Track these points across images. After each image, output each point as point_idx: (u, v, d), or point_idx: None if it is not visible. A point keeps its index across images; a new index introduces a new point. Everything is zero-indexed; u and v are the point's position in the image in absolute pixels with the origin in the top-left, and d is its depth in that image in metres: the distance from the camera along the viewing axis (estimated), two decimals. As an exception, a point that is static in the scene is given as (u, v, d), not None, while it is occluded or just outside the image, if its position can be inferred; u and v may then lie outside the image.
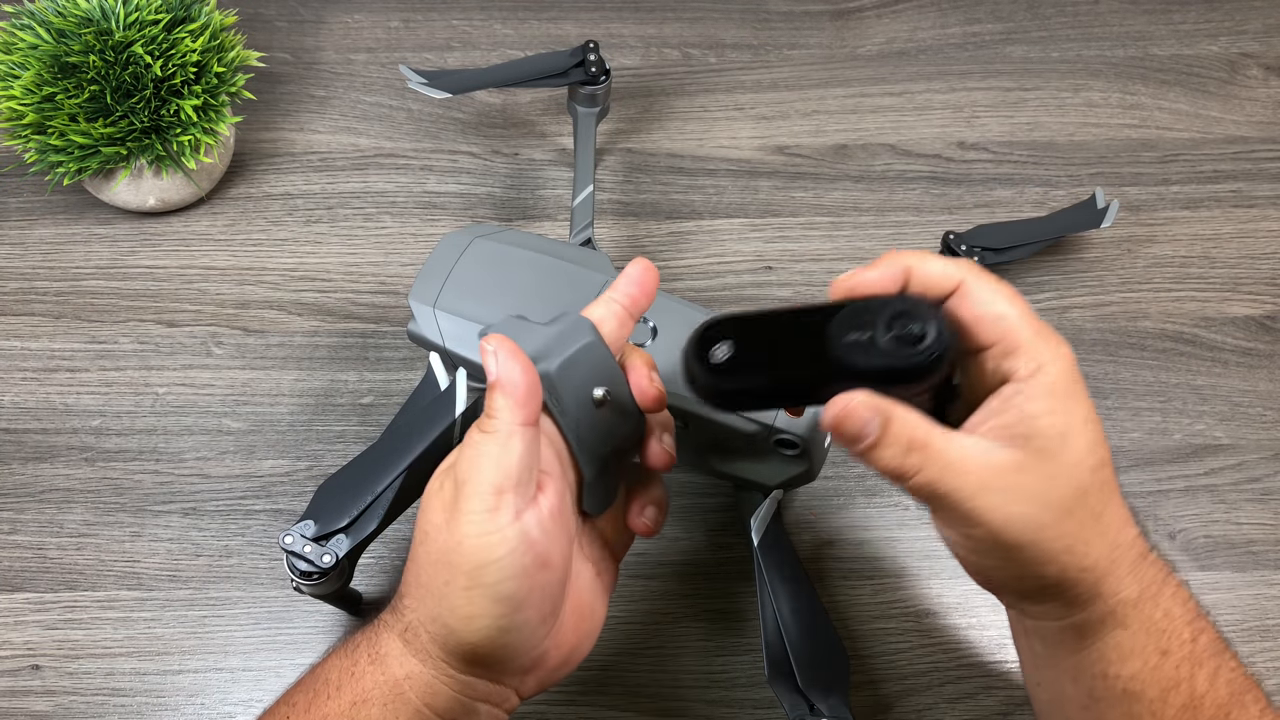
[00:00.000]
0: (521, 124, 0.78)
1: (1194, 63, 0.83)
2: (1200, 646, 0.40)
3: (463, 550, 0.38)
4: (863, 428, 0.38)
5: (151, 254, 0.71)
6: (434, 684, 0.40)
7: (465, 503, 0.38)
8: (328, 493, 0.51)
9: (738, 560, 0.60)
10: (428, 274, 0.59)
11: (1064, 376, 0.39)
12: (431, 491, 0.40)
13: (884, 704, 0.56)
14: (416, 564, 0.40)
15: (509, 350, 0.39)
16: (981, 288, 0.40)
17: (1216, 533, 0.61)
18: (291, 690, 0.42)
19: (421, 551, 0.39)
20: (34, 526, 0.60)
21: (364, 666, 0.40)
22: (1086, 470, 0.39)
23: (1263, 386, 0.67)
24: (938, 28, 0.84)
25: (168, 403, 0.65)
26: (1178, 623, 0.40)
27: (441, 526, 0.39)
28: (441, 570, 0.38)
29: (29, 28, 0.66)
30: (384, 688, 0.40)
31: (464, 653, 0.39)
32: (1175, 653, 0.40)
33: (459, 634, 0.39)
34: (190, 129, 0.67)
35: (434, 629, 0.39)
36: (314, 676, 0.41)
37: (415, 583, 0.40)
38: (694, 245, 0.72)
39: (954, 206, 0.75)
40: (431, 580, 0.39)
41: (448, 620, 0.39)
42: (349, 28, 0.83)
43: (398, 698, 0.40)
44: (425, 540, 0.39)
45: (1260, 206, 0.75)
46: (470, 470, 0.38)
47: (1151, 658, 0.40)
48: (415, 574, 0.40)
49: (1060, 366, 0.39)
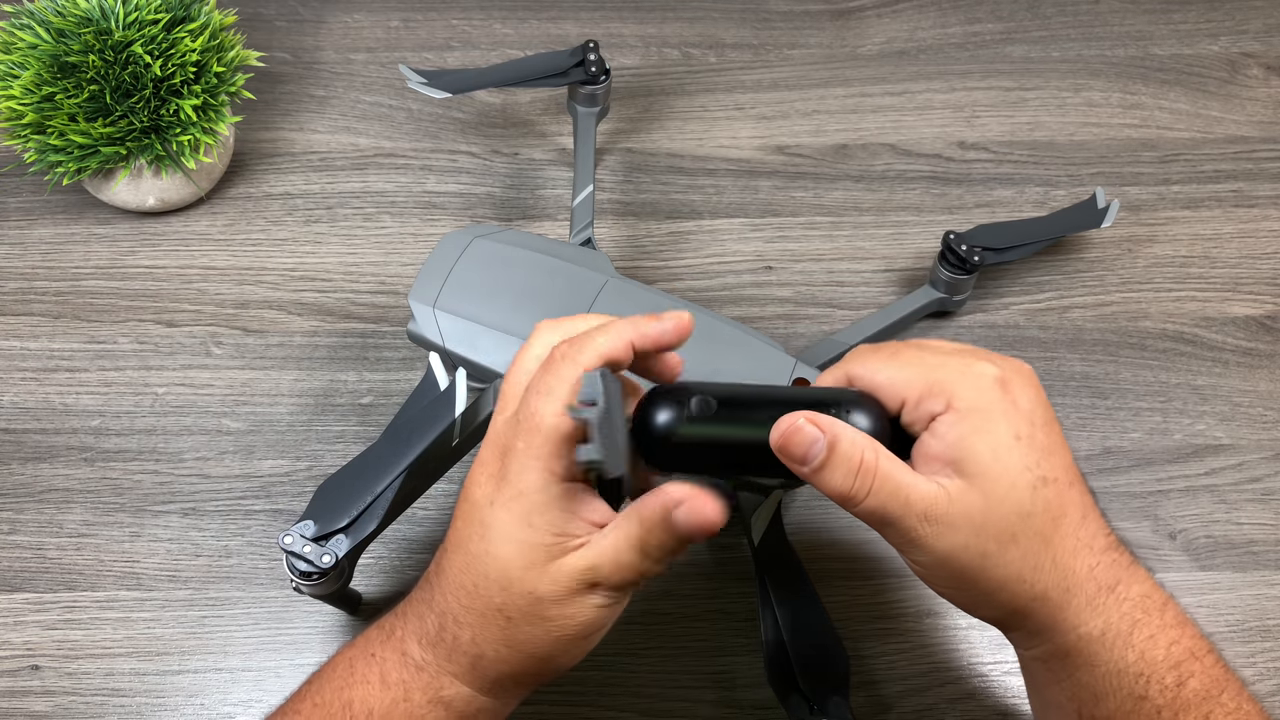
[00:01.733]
0: (521, 124, 0.78)
1: (1194, 62, 0.83)
2: (1188, 691, 0.38)
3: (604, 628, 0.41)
4: (809, 448, 0.38)
5: (151, 254, 0.71)
6: (501, 710, 0.43)
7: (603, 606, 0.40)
8: (327, 493, 0.51)
9: (738, 560, 0.60)
10: (428, 274, 0.59)
11: (984, 395, 0.39)
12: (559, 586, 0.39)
13: (884, 704, 0.56)
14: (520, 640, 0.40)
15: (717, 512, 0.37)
16: (863, 365, 0.40)
17: (1217, 533, 0.61)
18: None
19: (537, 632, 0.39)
20: (33, 527, 0.60)
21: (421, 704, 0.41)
22: (1024, 489, 0.38)
23: (1263, 386, 0.67)
24: (938, 27, 0.84)
25: (167, 403, 0.65)
26: (1158, 667, 0.38)
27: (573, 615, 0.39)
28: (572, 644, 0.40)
29: (28, 27, 0.66)
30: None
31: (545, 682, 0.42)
32: (1154, 699, 0.38)
33: (561, 670, 0.41)
34: (190, 129, 0.67)
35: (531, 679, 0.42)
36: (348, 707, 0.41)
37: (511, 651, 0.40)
38: (694, 245, 0.72)
39: (954, 206, 0.74)
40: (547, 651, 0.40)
41: (556, 668, 0.41)
42: (349, 27, 0.83)
43: None
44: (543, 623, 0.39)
45: (1261, 206, 0.75)
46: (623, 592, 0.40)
47: (1126, 702, 0.39)
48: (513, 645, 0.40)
49: (978, 386, 0.39)
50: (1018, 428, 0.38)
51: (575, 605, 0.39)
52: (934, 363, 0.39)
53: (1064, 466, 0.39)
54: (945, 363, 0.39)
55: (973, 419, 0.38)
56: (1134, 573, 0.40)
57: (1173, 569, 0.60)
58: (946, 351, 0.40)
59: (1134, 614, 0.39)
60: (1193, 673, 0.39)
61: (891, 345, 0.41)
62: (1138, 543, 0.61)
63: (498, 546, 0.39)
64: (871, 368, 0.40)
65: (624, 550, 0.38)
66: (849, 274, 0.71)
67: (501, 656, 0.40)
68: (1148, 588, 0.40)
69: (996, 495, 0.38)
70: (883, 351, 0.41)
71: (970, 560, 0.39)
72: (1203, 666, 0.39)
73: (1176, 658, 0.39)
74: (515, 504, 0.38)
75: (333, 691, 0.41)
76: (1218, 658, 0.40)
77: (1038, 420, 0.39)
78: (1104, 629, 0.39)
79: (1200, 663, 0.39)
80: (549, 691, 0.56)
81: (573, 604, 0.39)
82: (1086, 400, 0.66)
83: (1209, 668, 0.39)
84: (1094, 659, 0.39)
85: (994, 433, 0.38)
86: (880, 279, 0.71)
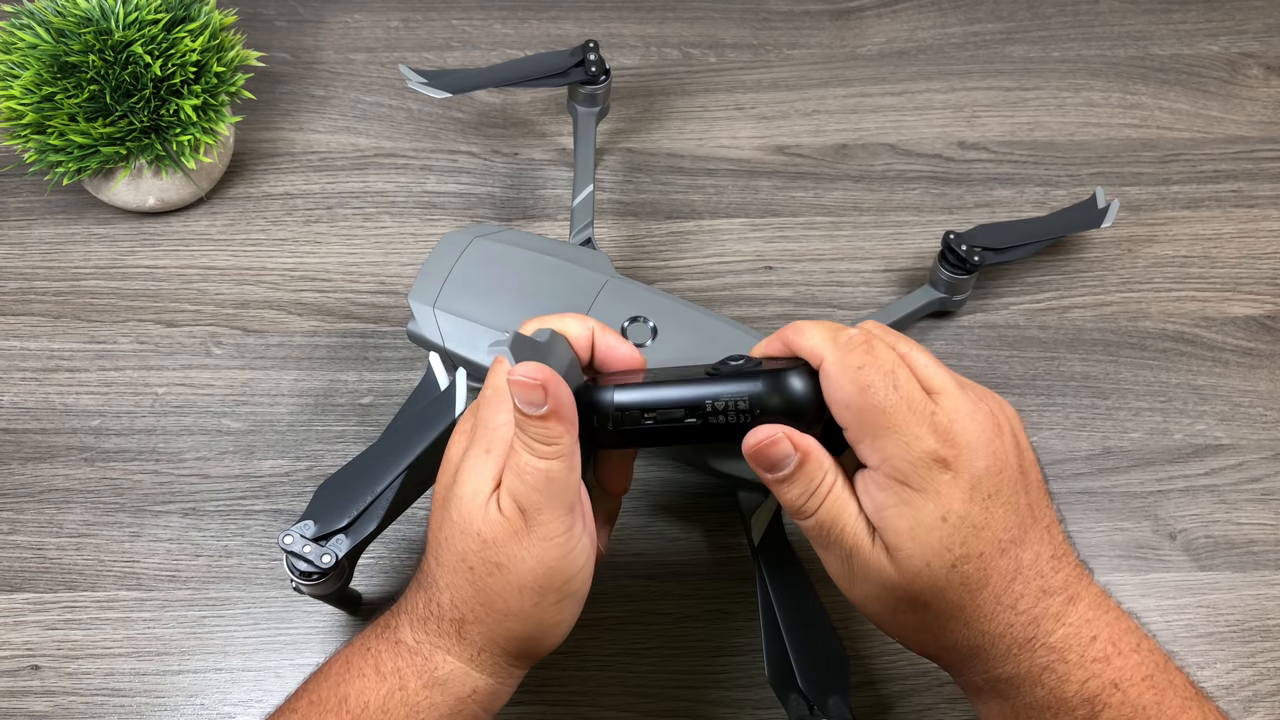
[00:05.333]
0: (521, 124, 0.78)
1: (1194, 62, 0.83)
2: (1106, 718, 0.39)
3: (554, 573, 0.40)
4: (782, 460, 0.40)
5: (151, 254, 0.71)
6: (499, 690, 0.43)
7: (545, 529, 0.40)
8: (327, 493, 0.51)
9: (738, 560, 0.60)
10: (427, 274, 0.59)
11: (915, 472, 0.38)
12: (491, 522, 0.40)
13: (884, 704, 0.56)
14: (488, 593, 0.41)
15: (557, 380, 0.39)
16: (835, 371, 0.39)
17: (1217, 533, 0.61)
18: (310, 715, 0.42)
19: (496, 582, 0.40)
20: (33, 526, 0.60)
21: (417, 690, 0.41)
22: (939, 569, 0.38)
23: (1263, 386, 0.67)
24: (938, 27, 0.84)
25: (167, 403, 0.65)
26: (1068, 701, 0.39)
27: (520, 556, 0.40)
28: (530, 595, 0.40)
29: (28, 27, 0.66)
30: (443, 708, 0.42)
31: (538, 651, 0.43)
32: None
33: (544, 642, 0.42)
34: (190, 129, 0.67)
35: (513, 645, 0.42)
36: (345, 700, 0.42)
37: (487, 610, 0.41)
38: (694, 245, 0.72)
39: (954, 206, 0.74)
40: (515, 605, 0.41)
41: (533, 634, 0.41)
42: (349, 27, 0.83)
43: (459, 713, 0.42)
44: (500, 571, 0.40)
45: (1261, 206, 0.75)
46: (544, 497, 0.40)
47: None
48: (486, 602, 0.41)
49: (910, 460, 0.38)
50: (947, 508, 0.38)
51: (518, 544, 0.40)
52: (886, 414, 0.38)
53: (994, 540, 0.39)
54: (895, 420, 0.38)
55: (897, 492, 0.38)
56: (1066, 611, 0.40)
57: (1173, 569, 0.60)
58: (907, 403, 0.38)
59: (1046, 660, 0.40)
60: (1108, 704, 0.39)
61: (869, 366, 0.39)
62: (1138, 543, 0.61)
63: (461, 487, 0.41)
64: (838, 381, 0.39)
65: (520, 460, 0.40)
66: (849, 274, 0.71)
67: (479, 617, 0.41)
68: (1072, 629, 0.40)
69: (910, 570, 0.39)
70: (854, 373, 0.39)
71: (880, 611, 0.41)
72: (1125, 697, 0.39)
73: (1091, 692, 0.39)
74: (481, 442, 0.41)
75: (329, 688, 0.42)
76: (1154, 684, 0.40)
77: (978, 497, 0.38)
78: (1013, 674, 0.40)
79: (1122, 693, 0.39)
80: (549, 691, 0.56)
81: (515, 542, 0.40)
82: (1086, 400, 0.66)
83: (1134, 697, 0.39)
84: (1005, 694, 0.41)
85: (916, 513, 0.38)
86: (880, 279, 0.71)
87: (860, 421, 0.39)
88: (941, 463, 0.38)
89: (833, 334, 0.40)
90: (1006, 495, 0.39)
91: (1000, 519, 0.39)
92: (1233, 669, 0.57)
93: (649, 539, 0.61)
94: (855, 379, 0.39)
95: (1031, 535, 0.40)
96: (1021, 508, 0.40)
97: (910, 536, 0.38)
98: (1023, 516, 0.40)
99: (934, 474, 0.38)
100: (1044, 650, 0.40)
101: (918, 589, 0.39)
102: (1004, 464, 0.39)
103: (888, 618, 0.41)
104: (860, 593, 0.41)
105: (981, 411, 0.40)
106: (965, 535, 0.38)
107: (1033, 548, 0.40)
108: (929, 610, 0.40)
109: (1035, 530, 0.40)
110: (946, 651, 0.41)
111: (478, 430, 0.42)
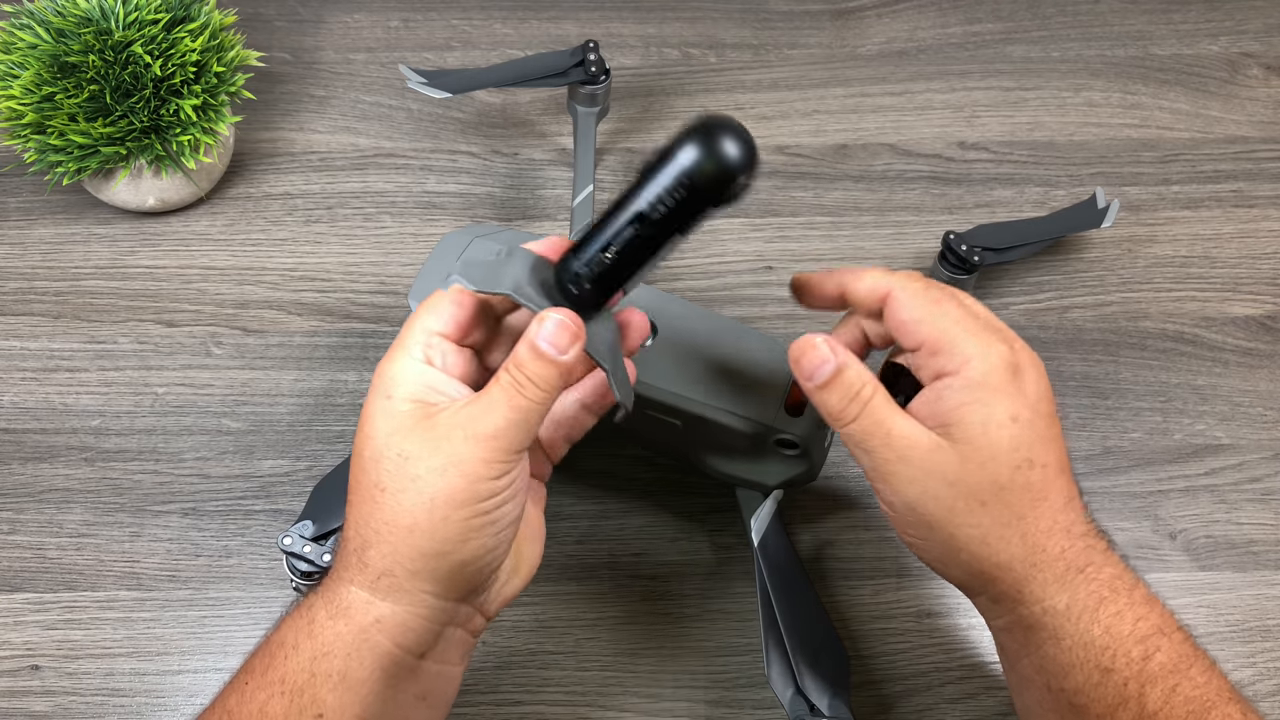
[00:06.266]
0: (521, 124, 0.78)
1: (1194, 62, 0.83)
2: (1154, 665, 0.39)
3: (472, 491, 0.38)
4: (820, 366, 0.41)
5: (151, 254, 0.71)
6: (408, 620, 0.40)
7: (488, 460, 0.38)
8: (323, 492, 0.51)
9: (738, 560, 0.60)
10: (427, 274, 0.59)
11: (994, 373, 0.40)
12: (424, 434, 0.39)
13: (884, 704, 0.56)
14: (392, 510, 0.39)
15: (573, 333, 0.39)
16: (905, 295, 0.42)
17: (1217, 533, 0.61)
18: (249, 659, 0.41)
19: (406, 498, 0.39)
20: (34, 526, 0.60)
21: (323, 622, 0.40)
22: (1006, 467, 0.40)
23: (1263, 386, 0.67)
24: (938, 27, 0.84)
25: (167, 403, 0.65)
26: (1124, 640, 0.39)
27: (444, 470, 0.38)
28: (440, 508, 0.38)
29: (28, 27, 0.66)
30: (346, 638, 0.39)
31: (453, 574, 0.40)
32: (1121, 671, 0.39)
33: (453, 558, 0.39)
34: (190, 129, 0.67)
35: (419, 564, 0.39)
36: (268, 642, 0.41)
37: (390, 528, 0.39)
38: (694, 245, 0.72)
39: (954, 206, 0.74)
40: (423, 520, 0.38)
41: (440, 549, 0.39)
42: (349, 27, 0.83)
43: (363, 644, 0.39)
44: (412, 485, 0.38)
45: (1261, 206, 0.75)
46: (504, 430, 0.38)
47: (1093, 674, 0.40)
48: (389, 520, 0.39)
49: (990, 363, 0.40)
50: (1016, 410, 0.40)
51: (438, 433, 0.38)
52: (961, 325, 0.41)
53: (1056, 455, 0.41)
54: (970, 329, 0.41)
55: (974, 391, 0.40)
56: (1108, 558, 0.41)
57: (1173, 569, 0.60)
58: (977, 318, 0.42)
59: (1101, 592, 0.40)
60: (1159, 647, 0.39)
61: (934, 289, 0.42)
62: (1138, 543, 0.61)
63: (369, 427, 0.40)
64: (909, 303, 0.42)
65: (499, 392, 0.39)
66: (849, 274, 0.71)
67: (381, 537, 0.39)
68: (1119, 570, 0.41)
69: (975, 461, 0.39)
70: (924, 293, 0.42)
71: (936, 511, 0.40)
72: (1170, 643, 0.40)
73: (1143, 633, 0.40)
74: (381, 386, 0.40)
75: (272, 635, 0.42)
76: (1187, 635, 0.41)
77: (1040, 410, 0.41)
78: (1069, 604, 0.40)
79: (1169, 639, 0.40)
80: (549, 691, 0.56)
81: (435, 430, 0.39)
82: (1086, 400, 0.66)
83: (1178, 644, 0.40)
84: (1059, 632, 0.40)
85: (990, 409, 0.40)
86: (880, 279, 0.71)
87: (937, 333, 0.41)
88: (1014, 368, 0.40)
89: (888, 270, 0.43)
90: (1056, 423, 0.41)
91: (1057, 438, 0.41)
92: (1233, 669, 0.57)
93: (649, 539, 0.61)
94: (926, 297, 0.42)
95: (1071, 473, 0.42)
96: (1064, 444, 0.42)
97: (982, 431, 0.40)
98: (1064, 453, 0.42)
99: (1009, 377, 0.40)
100: (1099, 583, 0.40)
101: (982, 482, 0.39)
102: (1050, 395, 0.42)
103: (943, 518, 0.40)
104: (915, 491, 0.40)
105: (1030, 351, 0.42)
106: (1032, 440, 0.40)
107: (1073, 487, 0.42)
108: (987, 511, 0.40)
109: (1070, 475, 0.42)
110: (1001, 569, 0.40)
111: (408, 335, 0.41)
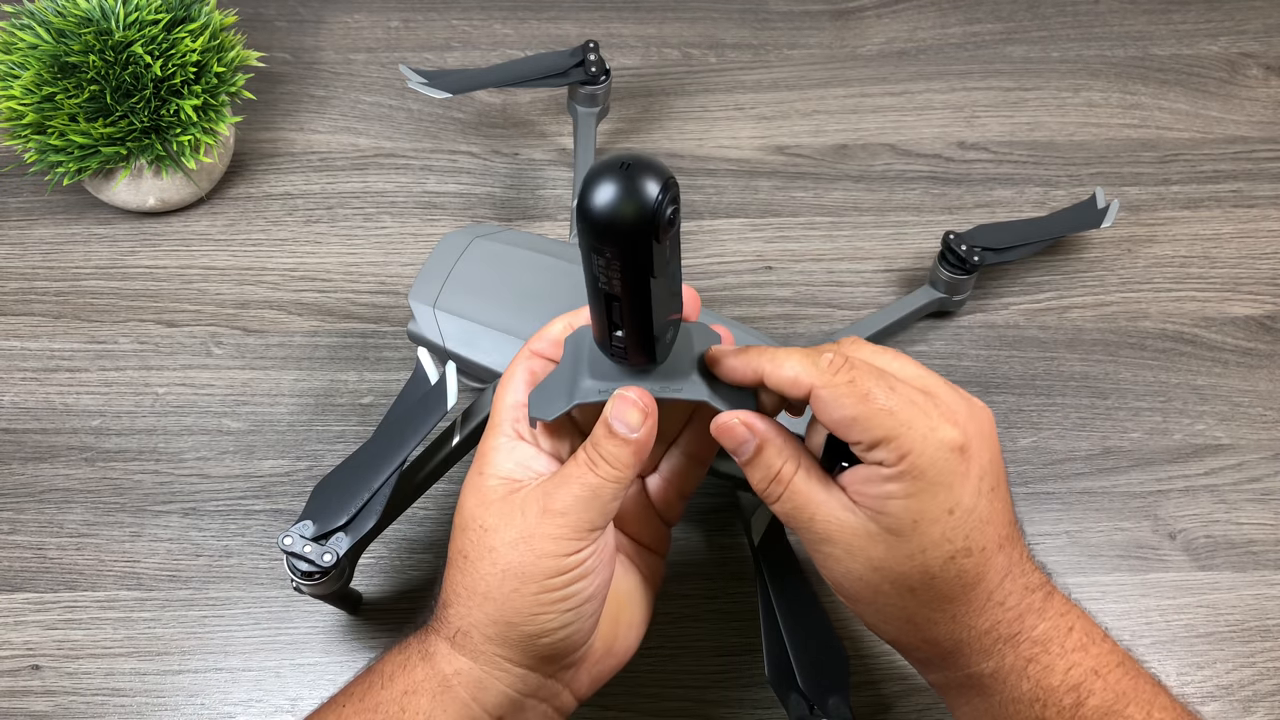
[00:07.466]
0: (521, 124, 0.78)
1: (1194, 62, 0.83)
2: (1087, 709, 0.39)
3: (540, 566, 0.40)
4: (739, 445, 0.41)
5: (151, 254, 0.71)
6: (484, 679, 0.41)
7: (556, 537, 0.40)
8: (323, 492, 0.51)
9: (738, 560, 0.60)
10: (428, 274, 0.59)
11: (933, 465, 0.38)
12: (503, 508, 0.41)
13: (884, 704, 0.56)
14: (472, 576, 0.41)
15: (643, 410, 0.40)
16: (829, 394, 0.38)
17: (1217, 533, 0.61)
18: (348, 685, 0.44)
19: (483, 566, 0.41)
20: (34, 526, 0.60)
21: (415, 661, 0.42)
22: (938, 559, 0.38)
23: (1263, 386, 0.67)
24: (938, 28, 0.84)
25: (168, 403, 0.65)
26: (1054, 691, 0.40)
27: (516, 544, 0.40)
28: (510, 580, 0.40)
29: (29, 28, 0.66)
30: (433, 680, 0.41)
31: (525, 644, 0.41)
32: (1052, 719, 0.40)
33: (521, 629, 0.40)
34: (190, 129, 0.67)
35: (491, 630, 0.41)
36: (369, 671, 0.43)
37: (469, 593, 0.41)
38: (694, 245, 0.72)
39: (954, 206, 0.74)
40: (495, 589, 0.40)
41: (511, 619, 0.40)
42: (349, 28, 0.83)
43: (446, 691, 0.41)
44: (489, 555, 0.40)
45: (1260, 206, 0.75)
46: (574, 507, 0.40)
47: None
48: (469, 585, 0.41)
49: (928, 457, 0.38)
50: (955, 501, 0.38)
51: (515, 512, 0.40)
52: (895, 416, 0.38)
53: (996, 532, 0.39)
54: (905, 419, 0.38)
55: (910, 484, 0.38)
56: (1045, 608, 0.40)
57: (1173, 569, 0.60)
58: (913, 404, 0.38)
59: (1030, 652, 0.40)
60: (1092, 691, 0.39)
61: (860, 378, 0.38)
62: (1138, 543, 0.61)
63: (462, 499, 0.42)
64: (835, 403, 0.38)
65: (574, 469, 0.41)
66: (849, 274, 0.71)
67: (460, 599, 0.41)
68: (1055, 620, 0.40)
69: (904, 552, 0.39)
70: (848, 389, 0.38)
71: (862, 592, 0.40)
72: (1105, 684, 0.40)
73: (1075, 680, 0.40)
74: (477, 463, 0.43)
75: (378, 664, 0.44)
76: (1129, 669, 0.41)
77: (984, 489, 0.39)
78: (995, 669, 0.40)
79: (1103, 680, 0.40)
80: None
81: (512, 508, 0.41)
82: (1086, 400, 0.66)
83: (1114, 684, 0.40)
84: (987, 691, 0.41)
85: (924, 504, 0.38)
86: (880, 279, 0.71)
87: (870, 428, 0.38)
88: (960, 450, 0.38)
89: (812, 360, 0.39)
90: (1002, 490, 0.40)
91: (1000, 513, 0.39)
92: (1233, 669, 0.57)
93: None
94: (851, 392, 0.38)
95: (1015, 532, 0.41)
96: (1010, 503, 0.41)
97: (914, 526, 0.38)
98: (1012, 513, 0.41)
99: (953, 463, 0.38)
100: (1028, 644, 0.40)
101: (910, 572, 0.39)
102: (999, 458, 0.40)
103: (867, 598, 0.40)
104: (839, 570, 0.40)
105: (975, 406, 0.40)
106: (970, 529, 0.38)
107: (1019, 544, 0.41)
108: (915, 596, 0.39)
109: (1016, 527, 0.41)
110: (927, 644, 0.41)
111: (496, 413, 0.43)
